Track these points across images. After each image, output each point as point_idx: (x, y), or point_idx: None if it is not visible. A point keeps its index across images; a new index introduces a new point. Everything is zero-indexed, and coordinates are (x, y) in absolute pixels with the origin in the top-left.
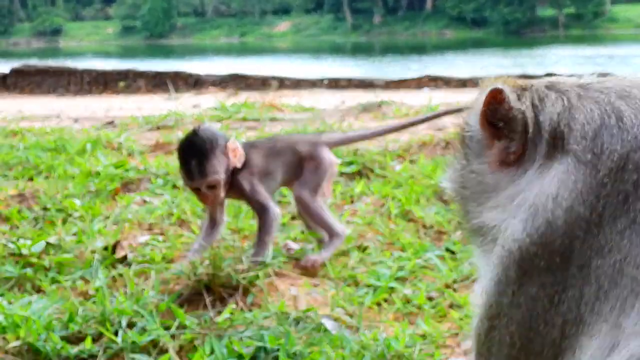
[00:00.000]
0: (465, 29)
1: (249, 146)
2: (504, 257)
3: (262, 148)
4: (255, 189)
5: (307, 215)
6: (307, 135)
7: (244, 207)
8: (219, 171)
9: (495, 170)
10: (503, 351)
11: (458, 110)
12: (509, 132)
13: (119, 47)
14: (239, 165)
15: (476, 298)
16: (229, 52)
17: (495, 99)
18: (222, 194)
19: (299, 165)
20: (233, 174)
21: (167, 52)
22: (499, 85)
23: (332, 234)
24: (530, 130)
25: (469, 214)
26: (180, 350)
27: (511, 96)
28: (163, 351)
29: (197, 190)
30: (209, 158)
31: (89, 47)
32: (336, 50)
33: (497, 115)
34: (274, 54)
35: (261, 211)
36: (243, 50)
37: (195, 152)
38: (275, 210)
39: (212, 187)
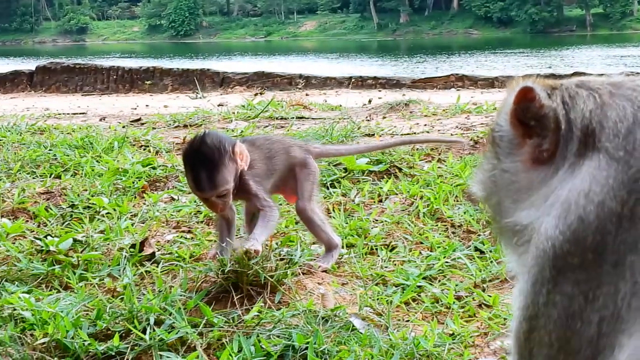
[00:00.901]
0: (492, 29)
1: (248, 144)
2: (538, 256)
3: (261, 148)
4: (260, 188)
5: (308, 226)
6: (297, 140)
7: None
8: (229, 181)
9: (528, 169)
10: (543, 352)
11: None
12: (541, 131)
13: (145, 45)
14: (245, 168)
15: (514, 300)
16: (255, 51)
17: (526, 97)
18: (231, 199)
19: (292, 170)
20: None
21: (192, 51)
22: (529, 84)
23: (331, 246)
24: (562, 127)
25: (501, 214)
26: (207, 348)
27: (542, 94)
28: (191, 349)
29: (205, 200)
30: (219, 169)
31: (114, 46)
32: (362, 49)
33: (528, 113)
34: (300, 54)
35: (265, 210)
36: (268, 49)
37: (204, 163)
38: (277, 211)
39: (222, 196)
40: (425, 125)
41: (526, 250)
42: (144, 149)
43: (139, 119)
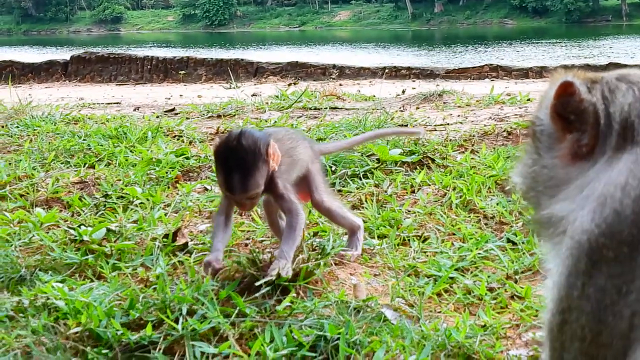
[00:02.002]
0: (527, 18)
1: (273, 139)
2: (573, 248)
3: (283, 141)
4: (287, 188)
5: (329, 216)
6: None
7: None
8: (260, 184)
9: (566, 164)
10: (575, 345)
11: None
12: (580, 125)
13: (179, 35)
14: (276, 168)
15: (547, 291)
16: (289, 41)
17: (566, 91)
18: (259, 200)
19: (305, 166)
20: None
21: (226, 41)
22: (569, 78)
23: (353, 228)
24: (602, 122)
25: (539, 207)
26: (240, 338)
27: (582, 88)
28: (223, 339)
29: (235, 200)
30: (252, 172)
31: (149, 36)
32: (396, 39)
33: (568, 108)
34: (334, 43)
35: (293, 211)
36: (303, 39)
37: (237, 164)
38: (303, 215)
39: (252, 197)
40: (458, 116)
41: (561, 242)
42: (178, 139)
43: (173, 109)
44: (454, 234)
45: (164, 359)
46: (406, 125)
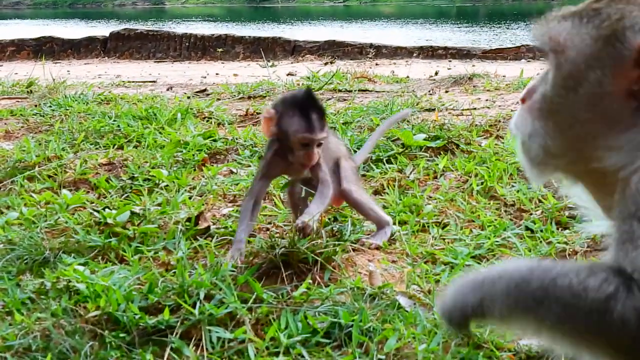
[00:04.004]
0: None
1: None
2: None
3: None
4: (323, 162)
5: (356, 207)
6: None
7: None
8: (328, 130)
9: (623, 103)
10: None
11: None
12: None
13: (224, 9)
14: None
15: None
16: (333, 17)
17: None
18: (319, 155)
19: (337, 164)
20: None
21: (271, 15)
22: None
23: (381, 223)
24: None
25: (584, 153)
26: (256, 323)
27: None
28: (239, 324)
29: (307, 147)
30: (325, 115)
31: (193, 10)
32: (440, 15)
33: None
34: (377, 19)
35: (325, 181)
36: (347, 15)
37: (314, 107)
38: (332, 188)
39: (319, 145)
40: (486, 100)
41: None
42: (207, 121)
43: (205, 90)
44: (473, 221)
45: (180, 344)
46: (433, 110)
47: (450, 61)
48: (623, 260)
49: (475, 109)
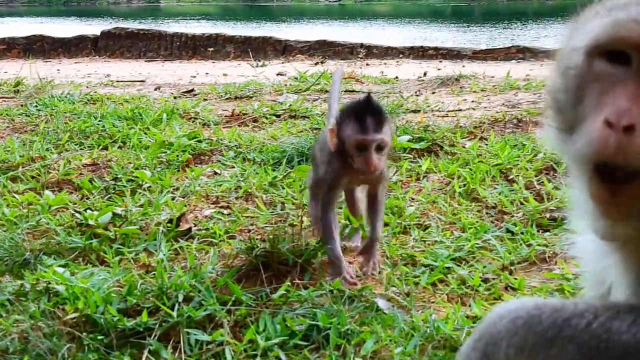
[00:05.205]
0: None
1: None
2: None
3: None
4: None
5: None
6: None
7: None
8: (390, 135)
9: None
10: None
11: None
12: None
13: (219, 8)
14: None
15: None
16: (327, 16)
17: None
18: (384, 163)
19: None
20: None
21: (266, 15)
22: None
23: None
24: None
25: None
26: (235, 325)
27: None
28: (218, 326)
29: (364, 151)
30: (386, 119)
31: (189, 8)
32: (435, 14)
33: None
34: (371, 18)
35: (383, 197)
36: (341, 13)
37: (373, 111)
38: None
39: (382, 149)
40: (472, 101)
41: None
42: (193, 121)
43: (192, 90)
44: (454, 223)
45: (158, 346)
46: (418, 111)
47: (440, 61)
48: None
49: (460, 110)
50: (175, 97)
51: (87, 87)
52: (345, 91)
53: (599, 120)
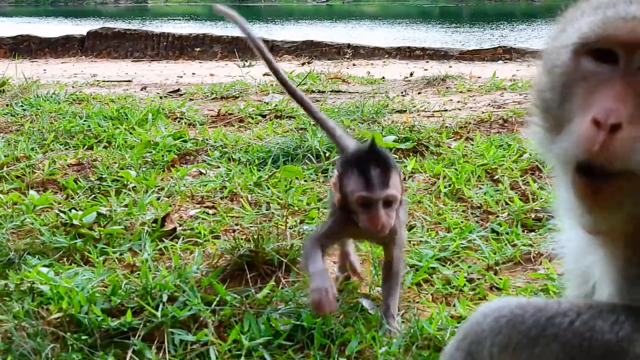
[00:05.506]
0: None
1: None
2: None
3: None
4: (403, 229)
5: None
6: None
7: (296, 182)
8: (399, 188)
9: None
10: None
11: None
12: None
13: (206, 8)
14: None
15: None
16: (315, 17)
17: None
18: (395, 217)
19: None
20: None
21: (253, 15)
22: None
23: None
24: None
25: None
26: (219, 325)
27: None
28: (202, 326)
29: (370, 208)
30: (392, 171)
31: (177, 8)
32: (423, 15)
33: None
34: (359, 19)
35: (401, 257)
36: (329, 14)
37: (379, 159)
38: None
39: (390, 203)
40: (458, 102)
41: None
42: (178, 122)
43: (178, 90)
44: (439, 223)
45: (142, 346)
46: (405, 112)
47: (427, 62)
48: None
49: (446, 110)
50: (161, 97)
51: (73, 87)
52: (331, 91)
53: (586, 119)
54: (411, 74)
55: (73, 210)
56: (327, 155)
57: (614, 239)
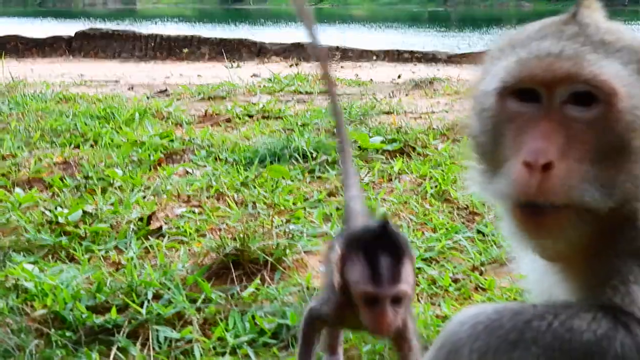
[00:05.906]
0: (543, 1)
1: None
2: None
3: None
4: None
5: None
6: None
7: (282, 182)
8: (411, 283)
9: None
10: None
11: None
12: None
13: (195, 10)
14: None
15: None
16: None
17: None
18: (402, 314)
19: None
20: None
21: (242, 17)
22: None
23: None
24: None
25: None
26: (204, 323)
27: None
28: (187, 324)
29: (375, 305)
30: (406, 261)
31: (165, 10)
32: (412, 19)
33: None
34: (348, 22)
35: (415, 348)
36: (318, 17)
37: (390, 246)
38: None
39: (399, 300)
40: (445, 104)
41: None
42: (166, 121)
43: (165, 90)
44: (425, 224)
45: (127, 343)
46: (392, 113)
47: (415, 65)
48: (615, 298)
49: (433, 112)
50: (148, 97)
51: (60, 86)
52: (319, 93)
53: (518, 162)
54: (399, 77)
55: (59, 208)
56: (313, 155)
57: (567, 263)
